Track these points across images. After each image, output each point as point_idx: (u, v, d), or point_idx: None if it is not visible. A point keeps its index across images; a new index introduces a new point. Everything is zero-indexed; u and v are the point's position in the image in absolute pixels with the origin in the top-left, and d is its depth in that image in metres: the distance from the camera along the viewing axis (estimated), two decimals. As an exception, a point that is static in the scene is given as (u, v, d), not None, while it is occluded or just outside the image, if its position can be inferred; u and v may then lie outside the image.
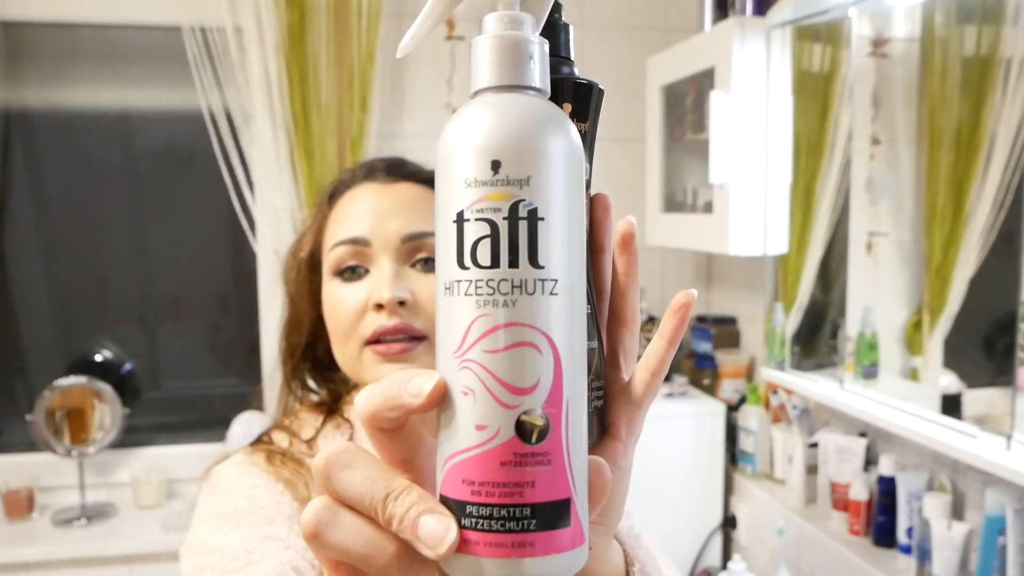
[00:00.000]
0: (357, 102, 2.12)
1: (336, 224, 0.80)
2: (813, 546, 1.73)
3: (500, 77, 0.30)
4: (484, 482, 0.29)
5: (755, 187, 1.83)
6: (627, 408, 0.42)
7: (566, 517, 0.29)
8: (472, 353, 0.29)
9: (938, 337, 1.61)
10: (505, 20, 0.30)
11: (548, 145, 0.29)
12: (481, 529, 0.29)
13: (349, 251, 0.77)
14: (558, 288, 0.29)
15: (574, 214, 0.30)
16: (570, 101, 0.40)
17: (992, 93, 1.44)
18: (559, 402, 0.29)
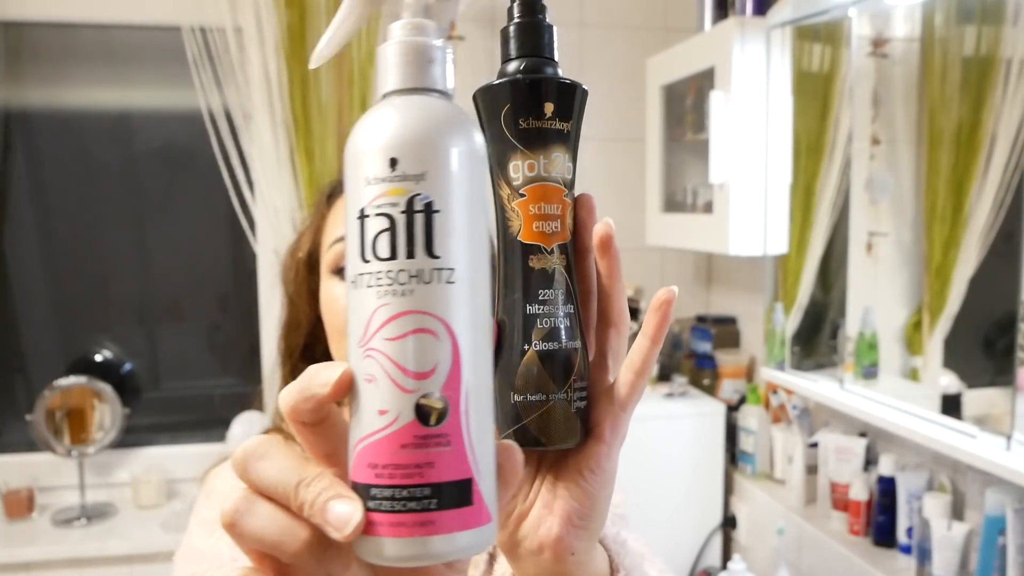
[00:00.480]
0: (357, 102, 2.11)
1: (335, 222, 0.80)
2: (813, 546, 1.73)
3: (403, 80, 0.32)
4: (386, 465, 0.30)
5: (755, 187, 1.83)
6: (612, 410, 0.42)
7: (468, 496, 0.30)
8: (374, 342, 0.30)
9: (938, 337, 1.61)
10: (408, 27, 0.32)
11: (444, 142, 0.30)
12: (385, 510, 0.30)
13: None
14: (455, 277, 0.30)
15: (474, 207, 0.32)
16: (552, 101, 0.41)
17: (992, 93, 1.44)
18: (458, 386, 0.30)
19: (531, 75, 0.42)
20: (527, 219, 0.41)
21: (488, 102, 0.42)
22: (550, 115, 0.42)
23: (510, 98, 0.41)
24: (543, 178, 0.41)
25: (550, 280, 0.41)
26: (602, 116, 2.40)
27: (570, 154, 0.43)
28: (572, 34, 2.34)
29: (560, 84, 0.42)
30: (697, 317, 2.42)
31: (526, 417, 0.41)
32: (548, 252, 0.41)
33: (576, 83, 0.43)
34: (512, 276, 0.42)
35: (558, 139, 0.42)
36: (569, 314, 0.42)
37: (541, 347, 0.41)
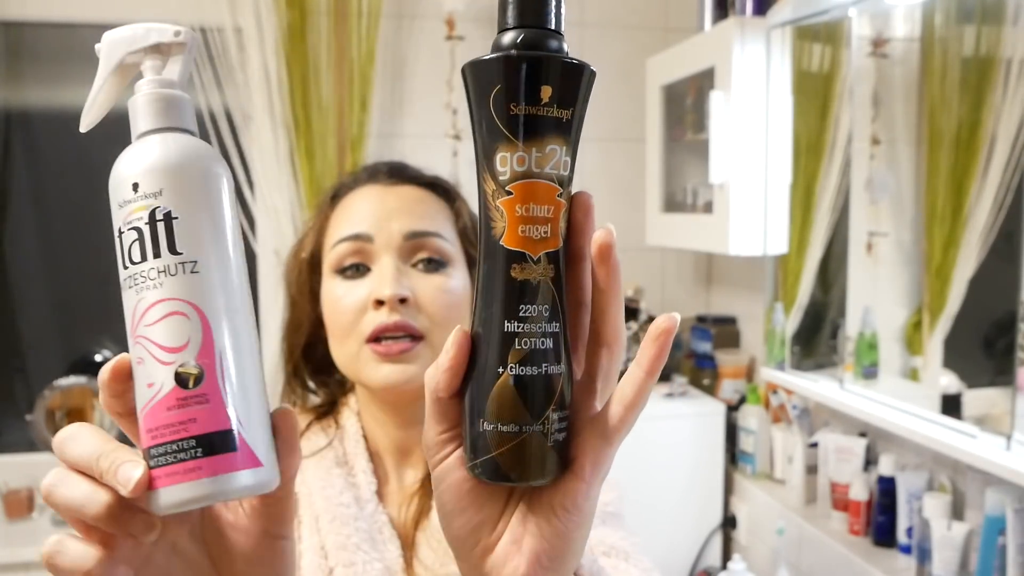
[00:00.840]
0: (357, 102, 2.12)
1: (338, 223, 0.80)
2: (813, 546, 1.73)
3: (144, 124, 0.39)
4: (158, 427, 0.35)
5: (755, 187, 1.83)
6: (595, 442, 0.38)
7: (231, 444, 0.36)
8: (139, 330, 0.37)
9: (938, 337, 1.61)
10: (150, 83, 0.40)
11: (175, 165, 0.37)
12: (160, 465, 0.35)
13: (351, 248, 0.77)
14: (198, 267, 0.36)
15: (213, 211, 0.38)
16: (552, 83, 0.36)
17: (992, 93, 1.44)
18: (211, 353, 0.36)
19: (528, 51, 0.36)
20: (512, 221, 0.36)
21: (476, 80, 0.37)
22: (547, 100, 0.36)
23: (501, 78, 0.36)
24: (535, 174, 0.36)
25: (534, 294, 0.36)
26: (602, 116, 2.40)
27: (569, 148, 0.37)
28: (572, 34, 2.34)
29: (563, 64, 0.36)
30: (697, 317, 2.42)
31: (495, 449, 0.37)
32: (534, 261, 0.36)
33: (582, 64, 0.37)
34: (491, 286, 0.37)
35: (555, 129, 0.36)
36: (553, 334, 0.37)
37: (518, 371, 0.36)
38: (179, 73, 0.40)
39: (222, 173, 0.39)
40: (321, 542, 0.75)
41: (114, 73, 0.41)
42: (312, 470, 0.79)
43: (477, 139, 0.38)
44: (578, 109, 0.37)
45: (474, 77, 0.37)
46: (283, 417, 0.40)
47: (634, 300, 2.40)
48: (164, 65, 0.40)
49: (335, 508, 0.76)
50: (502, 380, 0.37)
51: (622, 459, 0.43)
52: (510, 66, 0.36)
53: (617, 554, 0.73)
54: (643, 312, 2.37)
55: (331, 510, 0.76)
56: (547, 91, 0.36)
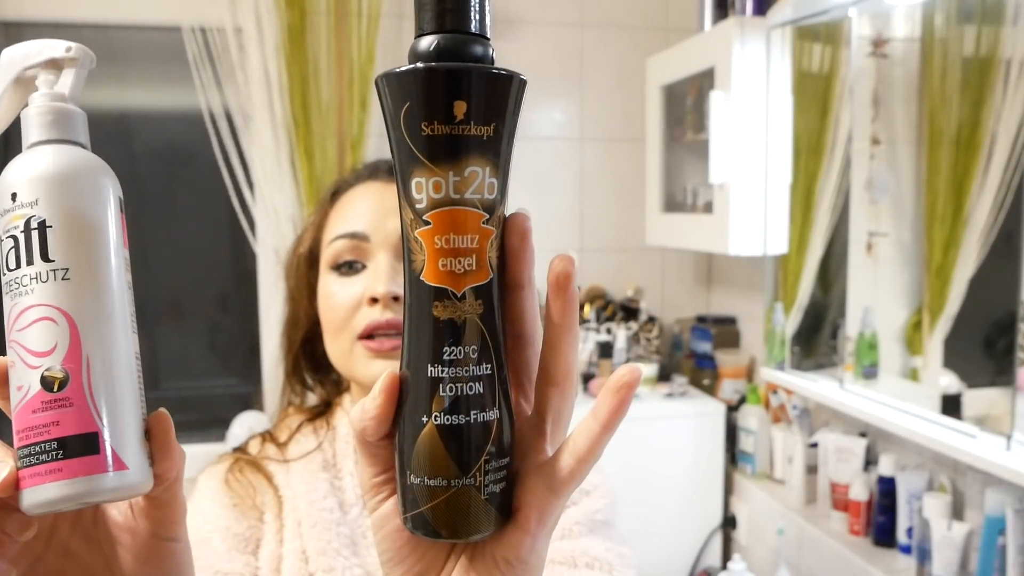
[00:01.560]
0: (357, 102, 2.12)
1: (336, 219, 0.81)
2: (813, 546, 1.73)
3: (31, 136, 0.39)
4: (24, 428, 0.36)
5: (755, 187, 1.83)
6: (542, 493, 0.35)
7: (93, 447, 0.36)
8: (12, 334, 0.37)
9: (938, 337, 1.61)
10: (42, 96, 0.40)
11: (53, 174, 0.38)
12: (26, 466, 0.36)
13: (347, 245, 0.77)
14: (69, 274, 0.37)
15: (91, 218, 0.38)
16: (465, 98, 0.32)
17: (992, 93, 1.44)
18: (78, 358, 0.37)
19: (437, 62, 0.32)
20: (432, 254, 0.33)
21: (388, 96, 0.33)
22: (462, 117, 0.32)
23: (410, 93, 0.32)
24: (453, 201, 0.33)
25: (459, 334, 0.33)
26: (602, 116, 2.40)
27: (495, 168, 0.33)
28: (572, 34, 2.34)
29: (480, 75, 0.32)
30: (697, 317, 2.42)
31: (424, 504, 0.34)
32: (458, 298, 0.33)
33: (506, 73, 0.33)
34: (414, 326, 0.34)
35: (476, 149, 0.33)
36: (484, 376, 0.34)
37: (443, 420, 0.33)
38: (71, 86, 0.41)
39: (105, 184, 0.40)
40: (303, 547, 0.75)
41: (12, 87, 0.42)
42: (298, 474, 0.79)
43: (394, 163, 0.34)
44: (505, 124, 0.34)
45: (387, 93, 0.33)
46: (157, 420, 0.40)
47: (634, 300, 2.40)
48: (57, 79, 0.41)
49: (318, 513, 0.76)
50: (426, 430, 0.34)
51: (622, 459, 0.42)
52: (418, 80, 0.32)
53: (600, 567, 0.72)
54: (643, 312, 2.37)
55: (313, 515, 0.76)
56: (461, 107, 0.32)
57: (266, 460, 0.82)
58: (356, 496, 0.78)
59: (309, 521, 0.75)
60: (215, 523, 0.76)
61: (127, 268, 0.40)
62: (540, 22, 2.30)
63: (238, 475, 0.80)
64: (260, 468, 0.81)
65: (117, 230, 0.40)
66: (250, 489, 0.79)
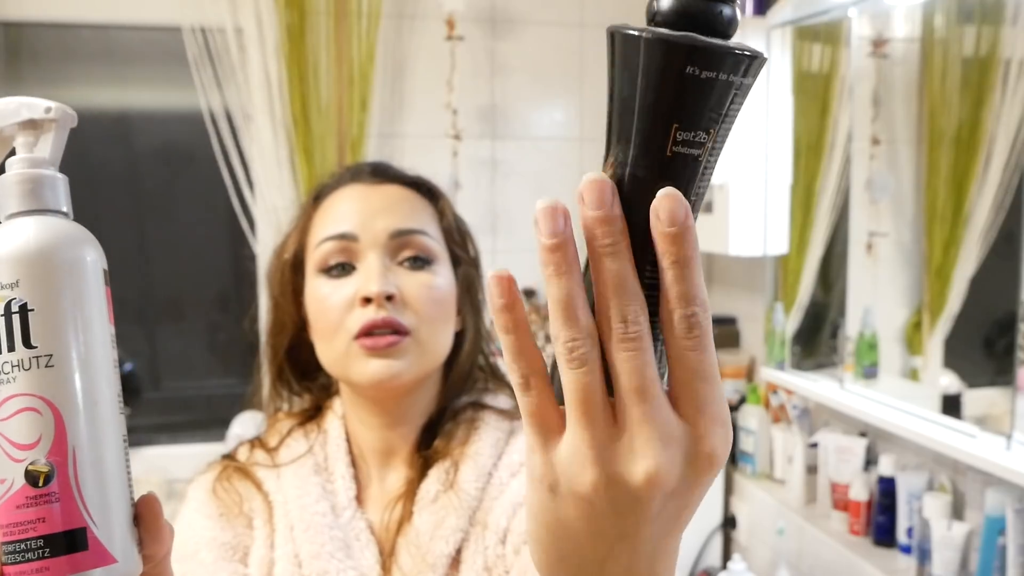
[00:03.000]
0: (357, 102, 2.11)
1: (322, 222, 0.80)
2: (813, 546, 1.73)
3: (11, 206, 0.37)
4: (8, 524, 0.35)
5: (755, 187, 1.83)
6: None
7: (81, 543, 0.35)
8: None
9: (938, 337, 1.61)
10: (21, 162, 0.38)
11: (33, 252, 0.36)
12: (11, 563, 0.35)
13: (336, 247, 0.77)
14: (53, 361, 0.35)
15: (75, 299, 0.36)
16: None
17: (992, 93, 1.44)
18: (64, 450, 0.35)
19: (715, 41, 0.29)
20: None
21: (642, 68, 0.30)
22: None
23: (678, 96, 0.30)
24: None
25: None
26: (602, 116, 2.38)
27: (709, 151, 0.32)
28: (572, 34, 2.34)
29: (716, 53, 0.30)
30: (697, 317, 2.42)
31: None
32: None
33: (756, 53, 0.30)
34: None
35: None
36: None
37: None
38: (51, 151, 0.39)
39: (89, 258, 0.38)
40: (295, 551, 0.74)
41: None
42: (289, 478, 0.79)
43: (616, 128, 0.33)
44: (726, 116, 0.31)
45: (642, 58, 0.31)
46: (146, 505, 0.39)
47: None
48: (36, 141, 0.39)
49: (310, 517, 0.75)
50: None
51: None
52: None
53: None
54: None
55: (305, 519, 0.75)
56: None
57: (255, 466, 0.81)
58: (348, 499, 0.77)
59: (301, 525, 0.75)
60: (202, 535, 0.76)
61: (113, 345, 0.39)
62: (540, 22, 2.30)
63: (225, 484, 0.80)
64: (248, 474, 0.80)
65: (102, 308, 0.38)
66: (236, 496, 0.79)
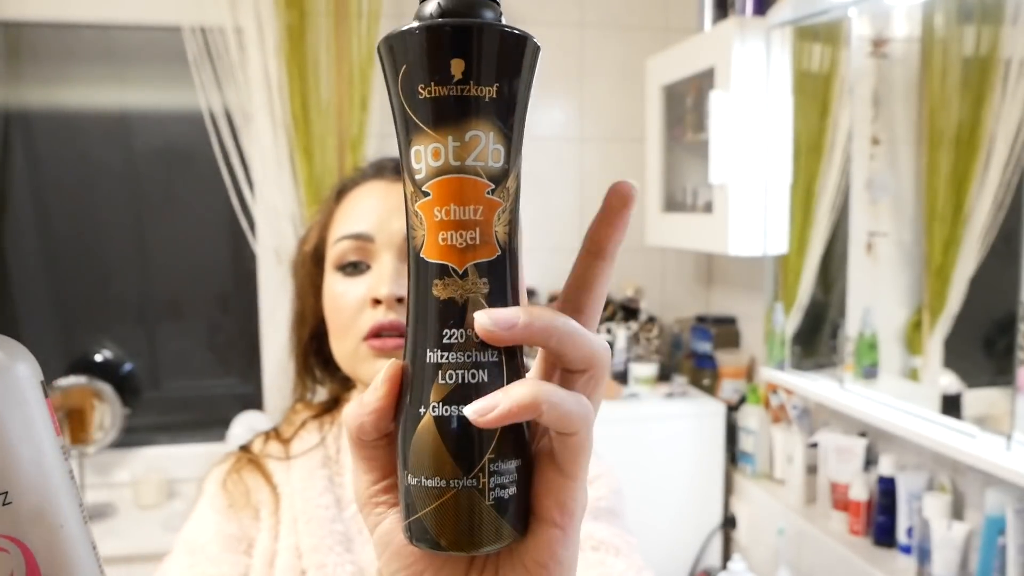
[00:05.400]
0: (357, 102, 2.11)
1: (341, 219, 0.80)
2: (813, 546, 1.73)
3: None
4: None
5: (755, 187, 1.83)
6: (554, 477, 0.31)
7: None
8: None
9: (938, 337, 1.61)
10: None
11: None
12: None
13: (352, 246, 0.77)
14: (11, 497, 0.33)
15: (18, 424, 0.34)
16: (463, 55, 0.30)
17: (992, 93, 1.44)
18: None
19: (431, 20, 0.30)
20: (431, 228, 0.30)
21: (387, 63, 0.31)
22: (460, 77, 0.30)
23: (406, 55, 0.30)
24: (453, 168, 0.30)
25: (460, 315, 0.30)
26: (602, 116, 2.39)
27: (499, 133, 0.31)
28: (572, 34, 2.34)
29: (475, 29, 0.30)
30: (697, 317, 2.42)
31: (421, 508, 0.30)
32: (459, 275, 0.30)
33: (510, 30, 0.31)
34: (417, 308, 0.31)
35: (476, 111, 0.30)
36: (489, 363, 0.30)
37: (441, 411, 0.30)
38: None
39: (24, 376, 0.36)
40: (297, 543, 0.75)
41: None
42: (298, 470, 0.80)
43: (397, 134, 0.32)
44: (510, 85, 0.31)
45: (386, 58, 0.31)
46: None
47: (634, 300, 2.40)
48: None
49: (313, 510, 0.76)
50: (424, 423, 0.30)
51: (622, 459, 0.41)
52: (413, 39, 0.30)
53: (607, 549, 0.69)
54: (643, 312, 2.37)
55: (308, 511, 0.76)
56: (459, 65, 0.30)
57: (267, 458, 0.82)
58: None
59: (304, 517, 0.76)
60: (210, 528, 0.77)
61: (64, 456, 0.37)
62: (540, 22, 2.30)
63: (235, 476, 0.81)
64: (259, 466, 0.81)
65: (48, 425, 0.35)
66: (244, 488, 0.79)
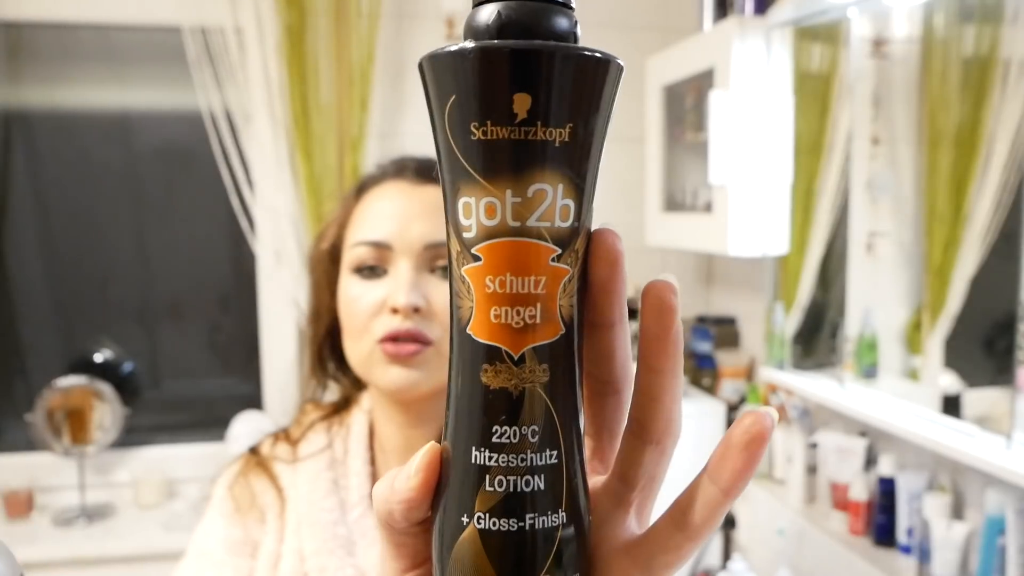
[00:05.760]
0: (357, 102, 2.11)
1: (360, 221, 0.79)
2: (813, 546, 1.73)
3: None
4: None
5: (755, 187, 1.83)
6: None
7: None
8: None
9: (938, 337, 1.61)
10: None
11: None
12: None
13: (369, 252, 0.76)
14: None
15: None
16: (531, 89, 0.23)
17: (992, 93, 1.44)
18: None
19: (488, 43, 0.24)
20: (482, 300, 0.25)
21: (431, 88, 0.26)
22: (525, 116, 0.23)
23: (455, 82, 0.24)
24: (512, 230, 0.24)
25: (514, 410, 0.25)
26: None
27: (569, 184, 0.24)
28: (572, 34, 2.34)
29: (546, 55, 0.23)
30: (697, 317, 2.42)
31: None
32: (515, 361, 0.25)
33: (591, 53, 0.24)
34: (461, 393, 0.26)
35: (542, 159, 0.24)
36: (548, 467, 0.26)
37: (488, 525, 0.25)
38: None
39: (2, 572, 0.33)
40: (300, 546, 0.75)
41: None
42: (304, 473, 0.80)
43: (440, 175, 0.26)
44: (587, 124, 0.24)
45: (430, 81, 0.25)
46: None
47: (634, 301, 2.40)
48: None
49: (316, 513, 0.76)
50: (467, 535, 0.25)
51: None
52: (466, 64, 0.24)
53: None
54: (643, 312, 2.37)
55: (312, 515, 0.76)
56: (524, 101, 0.23)
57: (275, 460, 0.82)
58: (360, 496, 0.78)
59: (307, 521, 0.76)
60: (216, 534, 0.77)
61: None
62: (540, 22, 2.30)
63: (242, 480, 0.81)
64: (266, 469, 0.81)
65: None
66: (250, 492, 0.80)
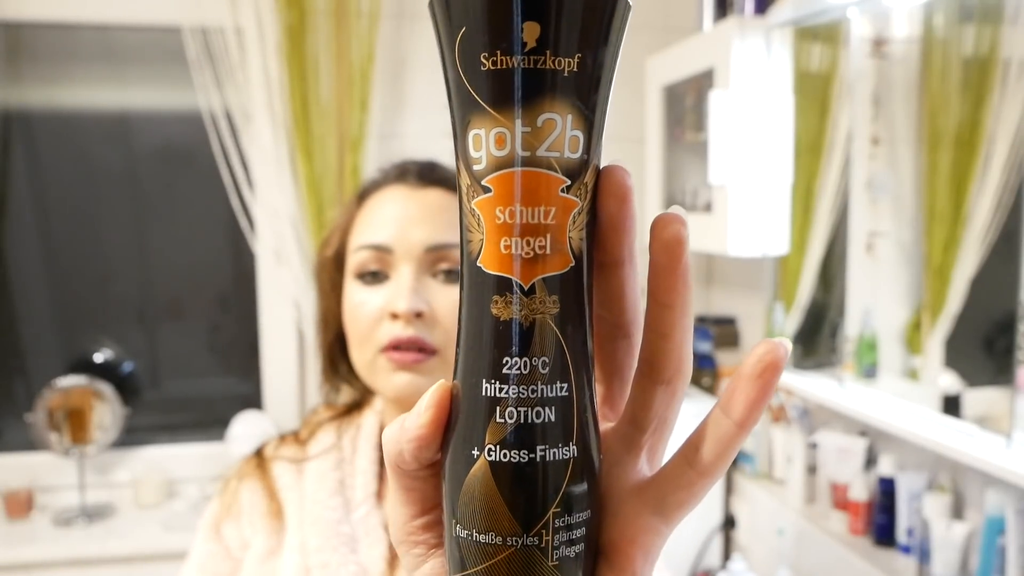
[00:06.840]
0: (357, 102, 2.11)
1: (362, 225, 0.79)
2: (813, 546, 1.73)
3: None
4: None
5: (755, 187, 1.83)
6: (648, 523, 0.27)
7: None
8: None
9: (938, 337, 1.61)
10: None
11: None
12: None
13: (371, 256, 0.76)
14: None
15: None
16: (540, 18, 0.24)
17: (992, 93, 1.44)
18: None
19: None
20: (492, 232, 0.25)
21: (443, 19, 0.25)
22: (535, 45, 0.24)
23: (465, 13, 0.24)
24: (522, 159, 0.25)
25: (525, 341, 0.25)
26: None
27: (578, 114, 0.26)
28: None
29: None
30: (697, 317, 2.42)
31: (471, 565, 0.25)
32: (525, 292, 0.25)
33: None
34: (470, 327, 0.26)
35: (552, 88, 0.25)
36: (558, 400, 0.25)
37: (499, 456, 0.25)
38: None
39: None
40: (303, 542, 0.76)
41: None
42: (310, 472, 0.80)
43: (450, 111, 0.26)
44: (595, 55, 0.25)
45: (440, 15, 0.25)
46: None
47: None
48: None
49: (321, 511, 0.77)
50: (478, 467, 0.25)
51: None
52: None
53: None
54: (643, 312, 2.37)
55: (316, 512, 0.77)
56: (532, 30, 0.24)
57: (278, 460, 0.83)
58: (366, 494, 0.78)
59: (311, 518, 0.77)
60: (195, 559, 0.79)
61: None
62: (540, 22, 2.30)
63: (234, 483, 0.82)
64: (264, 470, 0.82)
65: None
66: (234, 496, 0.81)
